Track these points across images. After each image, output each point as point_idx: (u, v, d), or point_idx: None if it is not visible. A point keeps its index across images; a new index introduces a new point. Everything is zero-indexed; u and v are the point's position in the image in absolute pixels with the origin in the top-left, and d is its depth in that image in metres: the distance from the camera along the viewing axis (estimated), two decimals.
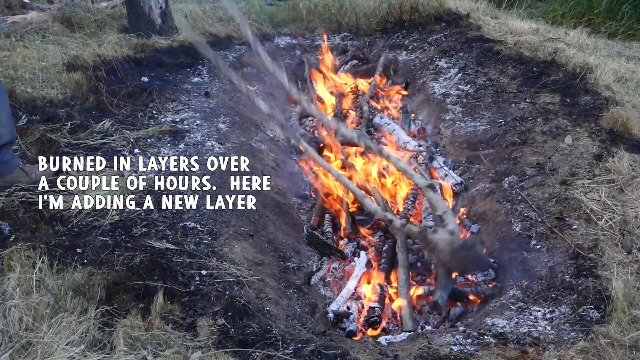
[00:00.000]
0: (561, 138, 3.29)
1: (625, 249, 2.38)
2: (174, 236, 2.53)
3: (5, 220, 2.49)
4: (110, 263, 2.28)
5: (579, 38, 5.06)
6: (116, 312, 2.03)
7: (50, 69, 4.07)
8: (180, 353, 1.86)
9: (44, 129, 3.23)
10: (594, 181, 2.82)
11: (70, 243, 2.39)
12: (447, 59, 4.91)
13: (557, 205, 2.80)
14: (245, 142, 3.69)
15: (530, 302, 2.34)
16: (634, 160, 2.90)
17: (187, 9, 6.40)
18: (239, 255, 2.54)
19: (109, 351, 1.85)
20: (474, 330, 2.22)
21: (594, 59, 4.18)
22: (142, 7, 5.21)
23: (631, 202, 2.63)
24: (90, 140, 3.26)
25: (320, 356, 1.92)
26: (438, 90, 4.56)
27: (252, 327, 2.05)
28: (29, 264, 2.17)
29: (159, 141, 3.40)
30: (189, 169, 3.14)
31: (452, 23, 5.55)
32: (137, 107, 3.78)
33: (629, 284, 2.14)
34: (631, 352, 1.86)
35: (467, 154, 3.77)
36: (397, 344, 2.24)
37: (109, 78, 4.03)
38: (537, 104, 3.74)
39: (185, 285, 2.22)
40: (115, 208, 2.65)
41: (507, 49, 4.58)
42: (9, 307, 1.96)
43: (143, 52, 4.72)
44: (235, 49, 5.61)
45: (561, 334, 2.06)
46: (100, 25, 5.65)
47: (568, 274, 2.37)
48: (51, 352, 1.79)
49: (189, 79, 4.56)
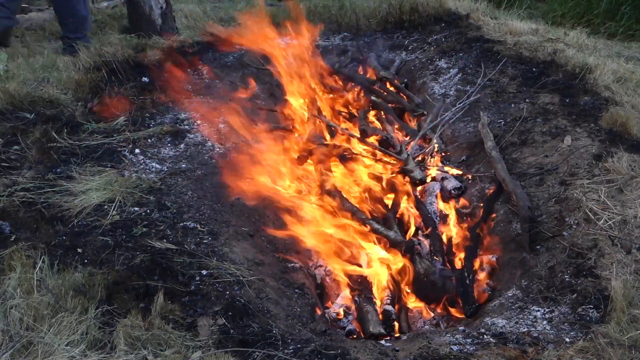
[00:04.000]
0: (560, 138, 3.29)
1: (625, 249, 2.39)
2: (174, 236, 2.53)
3: (6, 220, 2.49)
4: (110, 263, 2.29)
5: (578, 38, 5.06)
6: (116, 312, 2.04)
7: (51, 69, 4.07)
8: (181, 353, 1.86)
9: (44, 129, 3.23)
10: (594, 181, 2.82)
11: (70, 243, 2.40)
12: (447, 59, 4.91)
13: (556, 205, 2.80)
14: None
15: (530, 301, 2.34)
16: (633, 161, 2.90)
17: (188, 9, 6.41)
18: (239, 255, 2.55)
19: (109, 351, 1.86)
20: (473, 330, 2.23)
21: (594, 59, 4.18)
22: (142, 7, 5.21)
23: (630, 202, 2.63)
24: (91, 140, 3.27)
25: (320, 356, 1.92)
26: (438, 90, 4.56)
27: (252, 327, 2.05)
28: (29, 264, 2.18)
29: (159, 141, 3.41)
30: (189, 168, 3.14)
31: (452, 23, 5.54)
32: (137, 107, 3.79)
33: (628, 283, 2.15)
34: (630, 352, 1.87)
35: (467, 154, 3.77)
36: (397, 343, 2.25)
37: (110, 78, 4.03)
38: (537, 104, 3.74)
39: (186, 285, 2.23)
40: (116, 208, 2.65)
41: (506, 50, 4.58)
42: (9, 307, 1.96)
43: (143, 52, 4.71)
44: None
45: (560, 334, 2.07)
46: (100, 25, 5.66)
47: (567, 274, 2.38)
48: (52, 352, 1.80)
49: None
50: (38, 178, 2.82)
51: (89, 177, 2.86)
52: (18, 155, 3.03)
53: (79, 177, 2.85)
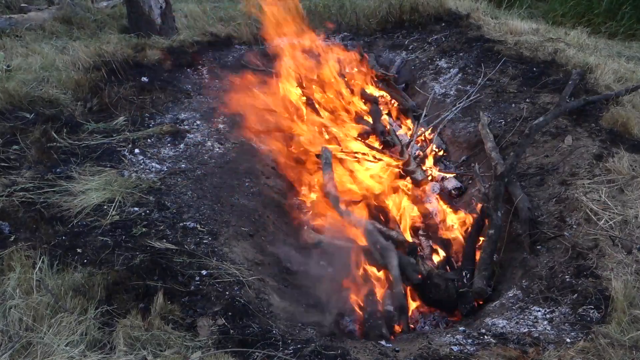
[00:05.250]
0: (561, 138, 3.29)
1: (625, 249, 2.38)
2: (174, 236, 2.52)
3: (6, 220, 2.49)
4: (110, 263, 2.28)
5: (579, 38, 5.06)
6: (116, 312, 2.03)
7: (50, 69, 4.07)
8: (180, 353, 1.86)
9: (43, 129, 3.22)
10: (594, 181, 2.82)
11: (70, 243, 2.39)
12: (447, 59, 4.91)
13: (557, 205, 2.80)
14: (246, 142, 3.69)
15: (530, 302, 2.34)
16: (634, 161, 2.89)
17: (188, 9, 6.40)
18: (239, 255, 2.54)
19: (108, 351, 1.86)
20: (474, 330, 2.22)
21: (594, 59, 4.17)
22: (142, 7, 5.21)
23: (631, 202, 2.63)
24: (91, 140, 3.26)
25: (320, 356, 1.92)
26: (438, 90, 4.56)
27: (252, 327, 2.05)
28: (29, 264, 2.18)
29: (159, 141, 3.40)
30: (189, 168, 3.14)
31: (452, 23, 5.54)
32: (137, 107, 3.78)
33: (629, 284, 2.14)
34: (631, 352, 1.86)
35: (467, 154, 3.77)
36: (397, 343, 2.24)
37: (109, 78, 4.02)
38: (537, 104, 3.74)
39: (185, 285, 2.22)
40: (116, 208, 2.65)
41: (507, 49, 4.57)
42: (9, 307, 1.96)
43: (143, 52, 4.71)
44: (235, 48, 5.60)
45: (561, 334, 2.06)
46: (100, 25, 5.66)
47: (568, 274, 2.37)
48: (51, 352, 1.80)
49: (189, 79, 4.56)
50: (37, 178, 2.81)
51: (89, 177, 2.85)
52: (18, 155, 3.02)
53: (79, 177, 2.85)
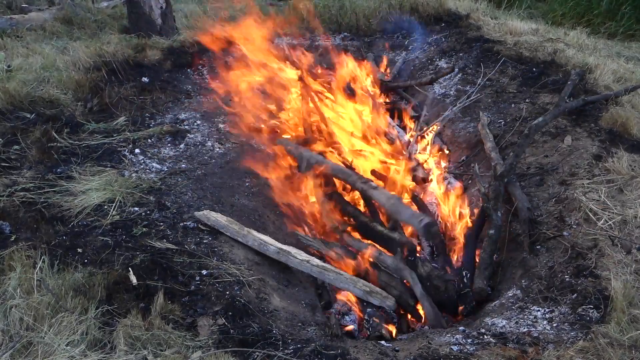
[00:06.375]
0: (561, 138, 3.29)
1: (625, 249, 2.39)
2: (174, 236, 2.53)
3: (6, 220, 2.49)
4: (110, 263, 2.29)
5: (578, 38, 5.07)
6: (116, 311, 2.04)
7: (51, 69, 4.07)
8: (181, 353, 1.86)
9: (44, 129, 3.23)
10: (594, 181, 2.82)
11: (70, 243, 2.40)
12: (447, 59, 4.92)
13: (556, 205, 2.80)
14: (246, 142, 3.69)
15: (530, 301, 2.34)
16: (633, 161, 2.90)
17: (188, 9, 6.40)
18: (239, 255, 2.55)
19: (109, 351, 1.86)
20: (473, 329, 2.22)
21: (594, 60, 4.18)
22: (142, 7, 5.21)
23: (630, 202, 2.63)
24: (91, 140, 3.27)
25: (320, 356, 1.92)
26: (438, 90, 4.56)
27: (253, 326, 2.05)
28: (29, 264, 2.18)
29: (159, 141, 3.41)
30: (189, 168, 3.14)
31: (452, 23, 5.55)
32: (137, 107, 3.79)
33: (628, 284, 2.14)
34: (630, 352, 1.87)
35: (466, 154, 3.77)
36: (397, 343, 2.25)
37: (110, 78, 4.03)
38: (537, 104, 3.74)
39: (186, 285, 2.23)
40: (116, 208, 2.65)
41: (506, 50, 4.58)
42: (9, 306, 1.96)
43: (143, 52, 4.71)
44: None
45: (561, 334, 2.06)
46: (100, 25, 5.65)
47: (568, 274, 2.38)
48: (52, 351, 1.80)
49: (189, 79, 4.56)
50: (38, 178, 2.82)
51: (89, 177, 2.85)
52: (18, 155, 3.03)
53: (79, 177, 2.85)
